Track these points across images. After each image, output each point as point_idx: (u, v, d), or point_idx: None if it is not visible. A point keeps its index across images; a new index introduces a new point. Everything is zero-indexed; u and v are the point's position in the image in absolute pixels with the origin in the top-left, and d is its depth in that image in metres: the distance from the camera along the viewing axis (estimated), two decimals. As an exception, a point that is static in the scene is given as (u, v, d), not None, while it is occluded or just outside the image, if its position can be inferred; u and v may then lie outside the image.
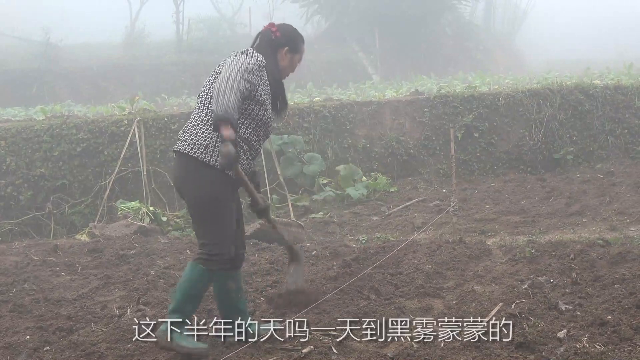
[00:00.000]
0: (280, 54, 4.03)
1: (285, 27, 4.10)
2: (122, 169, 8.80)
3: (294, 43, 4.07)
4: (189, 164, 3.78)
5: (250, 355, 3.90)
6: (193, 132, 3.81)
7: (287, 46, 4.04)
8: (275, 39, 4.01)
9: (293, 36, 4.09)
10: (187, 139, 3.81)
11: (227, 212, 3.82)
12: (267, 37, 4.02)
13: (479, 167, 10.20)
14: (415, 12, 21.53)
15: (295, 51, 4.08)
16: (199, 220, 3.85)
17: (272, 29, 4.03)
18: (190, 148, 3.77)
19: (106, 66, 19.44)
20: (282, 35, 4.03)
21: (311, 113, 9.87)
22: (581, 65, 18.38)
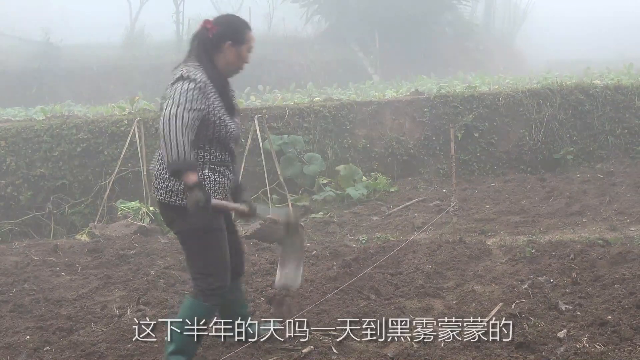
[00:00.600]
0: (223, 50, 3.62)
1: (222, 19, 3.70)
2: (122, 169, 8.79)
3: (236, 33, 3.65)
4: (173, 212, 3.59)
5: (250, 355, 3.90)
6: (164, 178, 3.54)
7: (229, 40, 3.61)
8: (213, 37, 3.59)
9: (233, 26, 3.68)
10: (161, 186, 3.57)
11: (219, 242, 3.62)
12: (203, 37, 3.62)
13: (479, 167, 10.20)
14: (415, 12, 21.55)
15: (241, 42, 3.65)
16: (192, 253, 3.63)
17: (208, 26, 3.61)
18: (169, 196, 3.54)
19: (106, 66, 19.45)
20: (220, 30, 3.60)
21: (311, 113, 9.87)
22: (581, 65, 18.38)
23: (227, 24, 3.67)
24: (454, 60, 22.20)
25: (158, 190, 3.60)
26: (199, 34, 3.65)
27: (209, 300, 3.58)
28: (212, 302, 3.59)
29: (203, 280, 3.59)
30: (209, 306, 3.59)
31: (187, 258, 3.72)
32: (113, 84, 18.74)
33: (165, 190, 3.56)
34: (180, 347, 3.58)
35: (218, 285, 3.59)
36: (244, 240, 6.84)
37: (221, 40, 3.61)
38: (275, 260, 6.09)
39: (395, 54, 21.46)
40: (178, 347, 3.58)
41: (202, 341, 3.75)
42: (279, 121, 9.65)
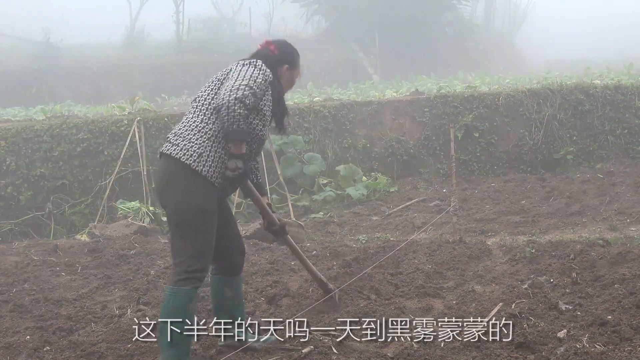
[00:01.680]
0: (281, 71, 3.90)
1: (281, 44, 3.99)
2: (122, 169, 8.80)
3: (293, 59, 3.97)
4: (178, 170, 3.55)
5: (251, 355, 3.90)
6: (186, 138, 3.59)
7: (286, 63, 3.93)
8: (274, 56, 3.87)
9: (291, 52, 3.98)
10: (180, 143, 3.58)
11: (209, 226, 3.57)
12: (265, 55, 3.87)
13: (479, 167, 10.20)
14: (415, 12, 21.55)
15: (294, 67, 3.98)
16: (178, 231, 3.58)
17: (270, 47, 3.91)
18: (183, 154, 3.54)
19: (106, 66, 19.46)
20: (280, 53, 3.91)
21: (311, 113, 9.87)
22: (581, 65, 18.39)
23: (286, 49, 3.97)
24: (454, 60, 22.21)
25: (173, 145, 3.60)
26: (261, 52, 3.88)
27: (188, 283, 3.50)
28: (191, 285, 3.51)
29: (184, 261, 3.53)
30: (189, 290, 3.51)
31: (172, 237, 3.64)
32: (113, 84, 18.75)
33: (182, 147, 3.56)
34: (174, 338, 3.51)
35: (198, 268, 3.53)
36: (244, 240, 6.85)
37: (280, 62, 3.89)
38: (276, 260, 6.10)
39: (395, 54, 21.46)
40: (172, 339, 3.51)
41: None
42: (279, 121, 9.64)
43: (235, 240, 3.95)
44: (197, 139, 3.57)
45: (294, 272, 5.67)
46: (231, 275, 3.92)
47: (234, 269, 3.94)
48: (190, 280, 3.51)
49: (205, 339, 4.16)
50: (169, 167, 3.60)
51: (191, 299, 3.55)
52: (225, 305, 3.95)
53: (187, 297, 3.52)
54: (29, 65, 18.95)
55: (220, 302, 3.96)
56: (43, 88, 18.01)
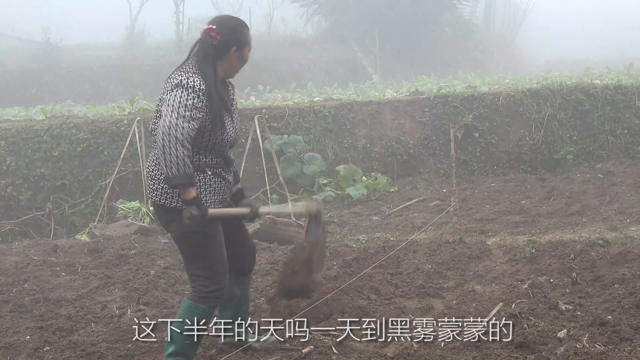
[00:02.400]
0: (229, 55, 3.61)
1: (225, 24, 3.64)
2: (122, 169, 8.79)
3: (240, 38, 3.63)
4: (167, 212, 3.58)
5: (251, 355, 3.90)
6: (153, 177, 3.58)
7: (234, 46, 3.61)
8: (217, 44, 3.57)
9: (237, 30, 3.64)
10: (156, 187, 3.56)
11: (216, 244, 3.60)
12: (207, 44, 3.57)
13: (479, 167, 10.20)
14: (415, 12, 21.54)
15: (244, 44, 3.64)
16: (188, 256, 3.62)
17: (212, 34, 3.57)
18: (164, 197, 3.54)
19: (106, 66, 19.45)
20: (224, 36, 3.57)
21: (311, 113, 9.87)
22: (581, 65, 18.38)
23: (231, 28, 3.62)
24: (454, 60, 22.20)
25: (153, 191, 3.59)
26: (202, 41, 3.60)
27: (206, 302, 3.56)
28: (208, 304, 3.58)
29: (200, 283, 3.57)
30: (206, 308, 3.58)
31: (184, 260, 3.70)
32: (113, 84, 18.74)
33: (161, 191, 3.55)
34: (180, 349, 3.57)
35: (215, 289, 3.57)
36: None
37: (226, 47, 3.59)
38: (276, 260, 6.10)
39: (395, 54, 21.45)
40: (177, 349, 3.57)
41: (201, 342, 3.74)
42: (279, 121, 9.65)
43: (245, 240, 3.95)
44: (162, 175, 3.52)
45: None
46: (242, 274, 3.93)
47: (245, 269, 3.95)
48: (208, 299, 3.57)
49: (205, 339, 4.16)
50: (160, 213, 3.67)
51: (206, 317, 3.60)
52: (232, 304, 3.95)
53: (202, 314, 3.58)
54: (29, 65, 18.94)
55: (227, 300, 3.94)
56: (43, 88, 18.01)
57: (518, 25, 30.20)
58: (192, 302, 3.57)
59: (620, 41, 28.04)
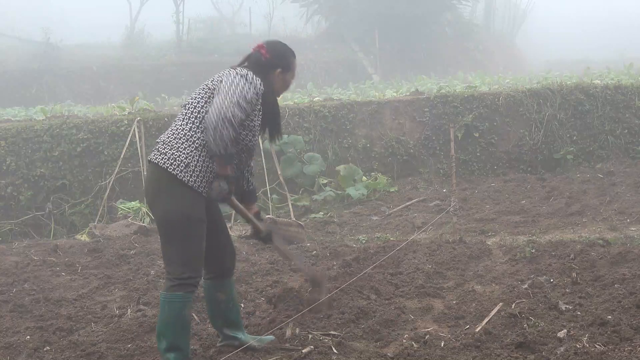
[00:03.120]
0: (273, 75, 3.79)
1: (274, 46, 3.86)
2: (122, 169, 8.80)
3: (286, 62, 3.84)
4: (165, 179, 3.56)
5: (251, 355, 3.90)
6: (174, 147, 3.58)
7: (279, 67, 3.81)
8: (265, 61, 3.76)
9: (284, 55, 3.85)
10: (167, 152, 3.57)
11: (198, 233, 3.59)
12: (257, 59, 3.77)
13: (479, 167, 10.20)
14: (415, 12, 21.54)
15: (288, 70, 3.86)
16: (168, 239, 3.60)
17: (262, 51, 3.78)
18: (170, 163, 3.54)
19: (106, 66, 19.46)
20: (272, 57, 3.78)
21: (311, 113, 9.87)
22: (581, 65, 18.39)
23: (279, 51, 3.84)
24: (454, 60, 22.20)
25: (161, 154, 3.59)
26: (252, 56, 3.80)
27: (181, 289, 3.55)
28: (183, 290, 3.56)
29: (175, 269, 3.57)
30: (183, 295, 3.56)
31: (163, 244, 3.67)
32: (113, 84, 18.74)
33: (169, 157, 3.56)
34: (172, 342, 3.57)
35: (189, 276, 3.57)
36: (244, 240, 6.86)
37: (272, 66, 3.79)
38: (276, 260, 6.10)
39: (395, 54, 21.45)
40: (170, 343, 3.57)
41: (189, 331, 3.71)
42: (279, 121, 9.63)
43: (225, 243, 3.92)
44: (185, 149, 3.57)
45: (294, 272, 5.67)
46: (222, 278, 3.90)
47: (225, 272, 3.93)
48: (183, 286, 3.56)
49: (205, 339, 4.16)
50: (157, 176, 3.62)
51: (185, 304, 3.59)
52: (220, 310, 3.93)
53: (181, 302, 3.57)
54: (29, 65, 18.94)
55: (214, 307, 3.95)
56: (43, 88, 18.01)
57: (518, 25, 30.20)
58: (168, 293, 3.57)
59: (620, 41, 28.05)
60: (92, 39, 23.41)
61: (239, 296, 4.68)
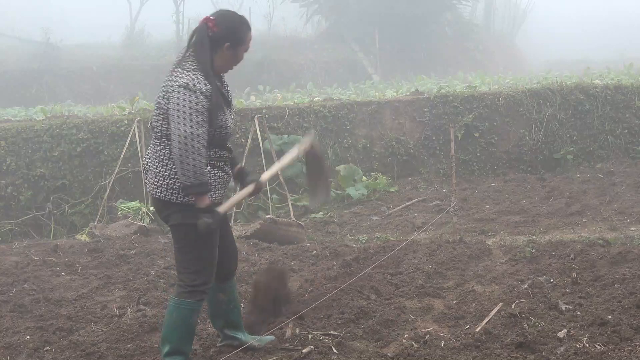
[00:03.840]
0: (221, 51, 3.56)
1: (224, 18, 3.59)
2: (122, 169, 8.79)
3: (236, 35, 3.57)
4: (171, 207, 3.58)
5: (251, 355, 3.90)
6: (165, 175, 3.55)
7: (227, 42, 3.55)
8: (213, 35, 3.52)
9: (234, 27, 3.58)
10: (162, 183, 3.56)
11: (211, 241, 3.60)
12: (202, 34, 3.54)
13: (479, 167, 10.20)
14: (415, 12, 21.53)
15: (239, 43, 3.59)
16: (182, 247, 3.62)
17: (209, 24, 3.53)
18: (170, 194, 3.54)
19: (106, 66, 19.45)
20: (220, 30, 3.53)
21: (311, 113, 9.87)
22: (581, 65, 18.38)
23: (229, 24, 3.58)
24: (454, 60, 22.19)
25: (157, 187, 3.59)
26: (198, 31, 3.57)
27: (192, 296, 3.57)
28: (195, 298, 3.58)
29: (187, 276, 3.59)
30: (193, 302, 3.59)
31: (176, 252, 3.70)
32: (113, 84, 18.73)
33: (166, 188, 3.56)
34: (175, 346, 3.58)
35: (201, 282, 3.59)
36: (244, 240, 6.86)
37: (220, 41, 3.55)
38: (276, 260, 6.09)
39: (395, 54, 21.44)
40: (173, 348, 3.58)
41: (193, 337, 3.74)
42: (279, 121, 9.65)
43: (228, 245, 3.92)
44: (166, 171, 3.55)
45: (294, 272, 5.67)
46: (225, 279, 3.90)
47: (228, 274, 3.92)
48: (194, 293, 3.58)
49: (205, 339, 4.16)
50: (162, 208, 3.65)
51: (194, 311, 3.61)
52: (221, 310, 3.94)
53: (190, 309, 3.59)
54: (29, 65, 18.93)
55: (215, 308, 3.95)
56: (43, 88, 18.00)
57: (518, 25, 30.18)
58: (179, 299, 3.59)
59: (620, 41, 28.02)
60: (92, 39, 23.40)
61: (239, 296, 4.68)
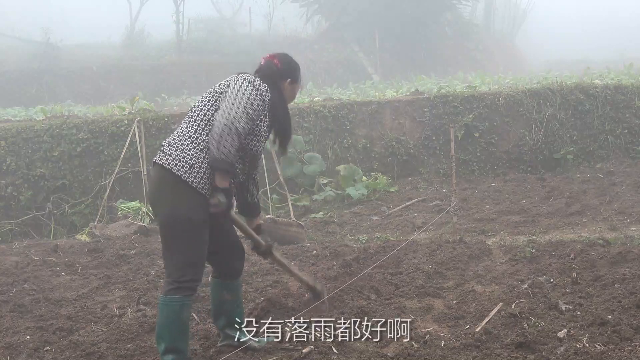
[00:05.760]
0: (284, 85, 3.91)
1: (285, 58, 3.98)
2: (122, 169, 8.80)
3: (295, 73, 3.98)
4: (169, 180, 3.55)
5: (251, 355, 3.90)
6: (179, 148, 3.58)
7: (289, 77, 3.93)
8: (277, 71, 3.88)
9: (293, 66, 3.99)
10: (172, 153, 3.58)
11: (200, 236, 3.57)
12: (269, 68, 3.88)
13: (479, 167, 10.20)
14: (415, 12, 21.55)
15: (296, 81, 3.99)
16: (169, 241, 3.58)
17: (274, 61, 3.91)
18: (175, 164, 3.54)
19: (106, 66, 19.47)
20: (283, 67, 3.91)
21: (311, 113, 9.87)
22: (581, 65, 18.39)
23: (289, 63, 3.96)
24: (454, 60, 22.22)
25: (166, 155, 3.58)
26: (265, 66, 3.88)
27: (179, 292, 3.54)
28: (183, 293, 3.55)
29: (175, 272, 3.56)
30: (181, 298, 3.55)
31: (164, 247, 3.65)
32: (113, 84, 18.75)
33: (174, 158, 3.56)
34: (170, 344, 3.57)
35: (189, 279, 3.56)
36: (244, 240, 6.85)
37: (283, 76, 3.90)
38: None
39: (395, 54, 21.47)
40: (168, 345, 3.57)
41: (187, 333, 3.71)
42: (279, 121, 9.64)
43: (233, 244, 3.92)
44: (190, 150, 3.57)
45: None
46: (230, 278, 3.90)
47: (233, 273, 3.93)
48: (181, 289, 3.55)
49: (205, 339, 4.16)
50: (161, 177, 3.61)
51: (183, 307, 3.58)
52: (224, 309, 3.94)
53: (179, 305, 3.56)
54: (29, 65, 18.96)
55: (218, 306, 3.95)
56: (43, 88, 18.02)
57: (518, 25, 30.22)
58: (167, 296, 3.56)
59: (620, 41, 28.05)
60: (92, 39, 23.43)
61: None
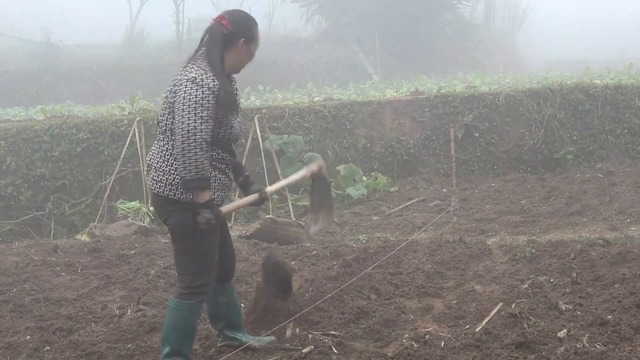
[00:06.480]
0: (237, 46, 3.62)
1: (236, 16, 3.66)
2: (122, 169, 8.79)
3: (249, 31, 3.65)
4: (170, 204, 3.56)
5: (251, 355, 3.90)
6: (166, 171, 3.54)
7: (242, 37, 3.62)
8: (227, 32, 3.59)
9: (247, 24, 3.66)
10: (162, 179, 3.54)
11: (211, 242, 3.59)
12: (217, 32, 3.60)
13: (479, 167, 10.20)
14: (415, 12, 21.54)
15: (252, 39, 3.67)
16: (182, 249, 3.60)
17: (223, 22, 3.60)
18: (169, 189, 3.53)
19: (106, 66, 19.45)
20: (234, 27, 3.60)
21: (311, 113, 9.87)
22: (581, 65, 18.39)
23: (241, 21, 3.66)
24: (454, 60, 22.20)
25: (157, 182, 3.57)
26: (212, 28, 3.62)
27: (192, 297, 3.57)
28: (195, 299, 3.58)
29: (187, 278, 3.58)
30: (193, 304, 3.58)
31: (175, 253, 3.68)
32: (113, 84, 18.74)
33: (165, 183, 3.54)
34: (175, 348, 3.58)
35: (201, 284, 3.58)
36: (244, 240, 6.86)
37: (235, 38, 3.61)
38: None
39: (395, 54, 21.45)
40: (173, 349, 3.58)
41: (193, 338, 3.73)
42: (279, 121, 9.65)
43: (227, 247, 3.92)
44: (167, 166, 3.54)
45: (294, 272, 5.67)
46: (223, 281, 3.90)
47: (226, 275, 3.92)
48: (194, 295, 3.57)
49: (205, 339, 4.16)
50: (161, 203, 3.63)
51: (194, 313, 3.61)
52: (221, 312, 3.94)
53: (190, 310, 3.58)
54: (29, 65, 18.94)
55: (215, 310, 3.95)
56: (43, 88, 18.01)
57: (518, 25, 30.19)
58: (179, 300, 3.58)
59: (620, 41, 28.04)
60: (92, 39, 23.41)
61: (239, 296, 4.68)
